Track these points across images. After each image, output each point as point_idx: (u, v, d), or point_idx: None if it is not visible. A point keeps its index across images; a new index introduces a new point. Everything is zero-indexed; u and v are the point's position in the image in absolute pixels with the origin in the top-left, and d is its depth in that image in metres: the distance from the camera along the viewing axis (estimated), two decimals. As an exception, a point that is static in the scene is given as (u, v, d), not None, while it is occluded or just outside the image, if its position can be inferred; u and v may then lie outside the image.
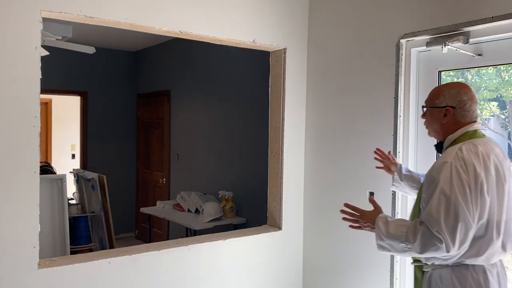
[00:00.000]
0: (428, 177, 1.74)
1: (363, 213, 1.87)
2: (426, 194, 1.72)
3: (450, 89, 1.85)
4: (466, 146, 1.72)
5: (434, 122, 1.89)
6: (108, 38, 5.92)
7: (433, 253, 1.64)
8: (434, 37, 2.55)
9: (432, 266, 1.76)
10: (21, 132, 2.21)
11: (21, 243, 2.21)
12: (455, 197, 1.61)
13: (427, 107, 1.92)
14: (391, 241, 1.73)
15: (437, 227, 1.61)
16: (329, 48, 3.21)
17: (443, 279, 1.73)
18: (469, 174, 1.64)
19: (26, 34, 2.21)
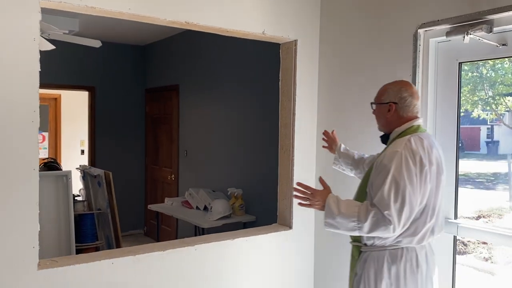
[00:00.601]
0: (379, 165, 1.90)
1: (315, 192, 1.97)
2: (376, 179, 1.88)
3: (393, 87, 2.05)
4: (414, 138, 1.91)
5: (381, 117, 2.08)
6: (116, 32, 5.83)
7: (381, 233, 1.83)
8: (455, 26, 2.40)
9: (371, 248, 1.95)
10: (19, 127, 2.11)
11: (19, 243, 2.12)
12: (404, 183, 1.80)
13: (375, 103, 2.11)
14: (342, 219, 1.86)
15: (387, 209, 1.79)
16: (342, 40, 3.07)
17: (379, 259, 1.92)
18: (416, 164, 1.84)
19: (24, 24, 2.11)
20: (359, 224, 1.83)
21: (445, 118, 2.56)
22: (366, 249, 1.97)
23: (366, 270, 1.95)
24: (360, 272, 1.98)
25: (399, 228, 1.81)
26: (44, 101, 8.13)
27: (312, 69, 3.19)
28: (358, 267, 2.00)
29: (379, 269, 1.92)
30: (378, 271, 1.92)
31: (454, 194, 2.54)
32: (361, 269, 1.98)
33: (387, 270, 1.91)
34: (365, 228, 1.82)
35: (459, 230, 2.46)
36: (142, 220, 6.79)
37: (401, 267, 1.90)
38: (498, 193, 2.77)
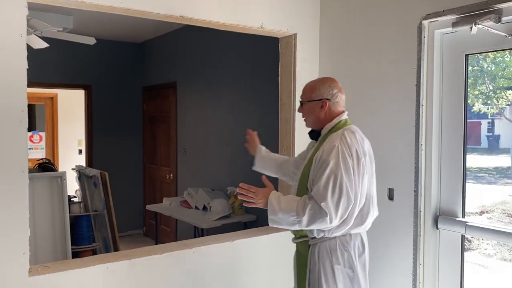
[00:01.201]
0: (319, 160, 1.94)
1: (257, 191, 1.99)
2: (316, 174, 1.93)
3: (322, 84, 2.09)
4: (347, 132, 1.99)
5: (312, 114, 2.09)
6: (112, 29, 5.72)
7: (319, 225, 1.89)
8: (461, 16, 2.29)
9: (321, 239, 1.99)
10: (7, 127, 2.01)
11: (9, 249, 2.02)
12: (341, 176, 1.87)
13: (305, 101, 2.10)
14: (282, 215, 1.92)
15: (324, 201, 1.85)
16: (343, 33, 2.96)
17: (332, 249, 1.99)
18: (352, 157, 1.92)
19: (10, 20, 2.01)
20: (298, 218, 1.89)
21: (451, 113, 2.47)
22: (315, 241, 2.02)
23: (321, 261, 2.00)
24: (315, 266, 2.01)
25: (336, 220, 1.87)
26: (40, 101, 8.04)
27: (313, 63, 3.09)
28: (310, 262, 2.03)
29: (334, 257, 1.99)
30: (334, 259, 1.99)
31: (461, 191, 2.44)
32: (315, 263, 2.01)
33: (341, 256, 1.99)
34: (304, 221, 1.88)
35: (467, 229, 2.37)
36: (141, 220, 6.70)
37: (351, 252, 2.01)
38: (500, 187, 2.73)
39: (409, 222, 2.58)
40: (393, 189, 2.67)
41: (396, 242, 2.65)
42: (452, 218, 2.46)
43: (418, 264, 2.54)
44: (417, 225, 2.53)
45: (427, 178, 2.53)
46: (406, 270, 2.59)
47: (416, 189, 2.53)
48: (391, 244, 2.68)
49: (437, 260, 2.55)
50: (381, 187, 2.71)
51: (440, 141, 2.52)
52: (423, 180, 2.53)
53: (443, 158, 2.51)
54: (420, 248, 2.53)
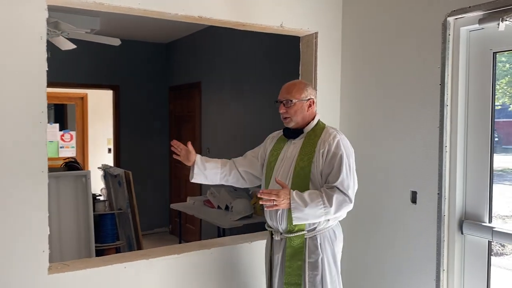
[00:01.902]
0: (327, 153, 2.09)
1: (279, 193, 2.02)
2: (329, 166, 2.07)
3: (307, 85, 2.25)
4: (332, 127, 2.23)
5: (301, 113, 2.20)
6: (139, 30, 5.79)
7: (344, 211, 2.08)
8: (488, 12, 2.20)
9: (318, 230, 2.12)
10: (27, 128, 2.05)
11: (29, 247, 2.07)
12: (353, 165, 2.12)
13: (295, 101, 2.18)
14: (309, 210, 2.00)
15: (349, 189, 2.05)
16: (366, 31, 2.89)
17: (331, 237, 2.15)
18: (351, 146, 2.17)
19: (30, 23, 2.05)
20: (326, 209, 2.01)
21: (478, 112, 2.36)
22: (312, 233, 2.12)
23: (324, 251, 2.12)
24: (317, 256, 2.11)
25: (353, 203, 2.08)
26: (71, 101, 8.25)
27: (334, 62, 3.03)
28: (308, 254, 2.11)
29: (335, 245, 2.16)
30: (335, 247, 2.16)
31: (488, 195, 2.34)
32: (317, 254, 2.11)
33: (338, 244, 2.19)
34: (332, 210, 2.02)
35: (494, 234, 2.26)
36: (167, 219, 6.77)
37: (341, 238, 2.22)
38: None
39: (432, 226, 2.49)
40: (416, 192, 2.58)
41: (419, 246, 2.57)
42: (477, 223, 2.36)
43: (442, 270, 2.45)
44: (441, 229, 2.44)
45: (451, 181, 2.44)
46: (429, 275, 2.50)
47: (439, 192, 2.44)
48: (414, 248, 2.59)
49: (462, 266, 2.45)
50: (404, 189, 2.64)
51: (466, 142, 2.42)
52: (447, 183, 2.44)
53: (469, 160, 2.41)
54: (443, 253, 2.44)
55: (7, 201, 2.01)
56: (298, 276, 2.12)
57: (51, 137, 8.02)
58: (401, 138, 2.66)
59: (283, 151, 2.26)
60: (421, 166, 2.55)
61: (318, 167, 2.10)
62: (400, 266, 2.68)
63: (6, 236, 2.02)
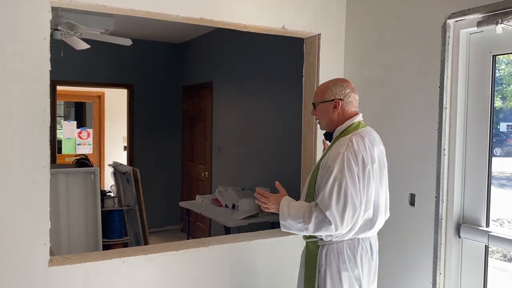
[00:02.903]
0: (324, 166, 1.94)
1: (270, 197, 2.03)
2: (322, 180, 1.92)
3: (335, 84, 2.06)
4: (356, 137, 1.94)
5: (325, 115, 2.07)
6: (152, 30, 5.89)
7: (324, 232, 1.90)
8: (487, 15, 2.18)
9: (329, 242, 2.00)
10: (30, 126, 2.13)
11: (30, 240, 2.15)
12: (346, 184, 1.85)
13: (318, 102, 2.08)
14: (291, 221, 1.94)
15: (329, 210, 1.84)
16: (368, 33, 2.90)
17: (339, 252, 1.99)
18: (358, 164, 1.89)
19: (35, 24, 2.13)
20: (305, 225, 1.90)
21: (477, 115, 2.35)
22: (323, 242, 2.02)
23: (328, 264, 2.00)
24: (322, 267, 2.02)
25: (342, 228, 1.86)
26: (88, 99, 8.44)
27: (337, 64, 3.04)
28: (319, 262, 2.04)
29: (341, 261, 1.98)
30: (341, 263, 1.98)
31: (485, 199, 2.32)
32: (323, 264, 2.02)
33: (348, 261, 1.98)
34: (310, 228, 1.89)
35: (490, 239, 2.25)
36: (179, 216, 6.86)
37: (358, 256, 2.00)
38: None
39: (430, 229, 2.48)
40: (414, 194, 2.58)
41: (416, 249, 2.56)
42: (474, 227, 2.34)
43: (438, 273, 2.44)
44: (438, 232, 2.43)
45: (449, 184, 2.42)
46: (426, 278, 2.50)
47: (437, 195, 2.43)
48: (411, 250, 2.59)
49: (459, 270, 2.43)
50: (402, 192, 2.63)
51: (465, 145, 2.40)
52: (445, 186, 2.43)
53: (467, 163, 2.40)
54: (440, 257, 2.43)
55: (10, 195, 2.10)
56: (312, 282, 2.08)
57: (69, 134, 8.22)
58: (400, 140, 2.65)
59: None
60: (419, 168, 2.55)
61: (318, 180, 1.97)
62: (396, 268, 2.67)
63: (8, 229, 2.10)
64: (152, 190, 6.15)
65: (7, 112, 2.08)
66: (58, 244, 3.44)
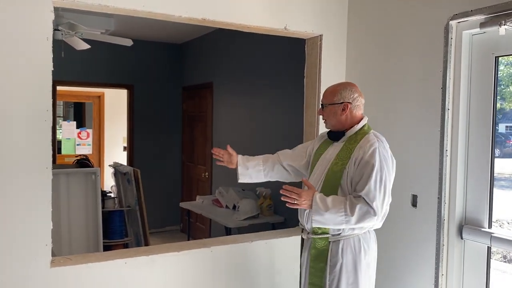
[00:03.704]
0: (360, 160, 2.02)
1: (301, 192, 2.02)
2: (359, 174, 2.00)
3: (344, 88, 2.15)
4: (378, 135, 2.09)
5: (334, 117, 2.15)
6: (152, 31, 5.88)
7: (366, 223, 1.99)
8: (490, 16, 2.18)
9: (343, 236, 2.07)
10: (32, 126, 2.13)
11: (32, 240, 2.14)
12: (385, 177, 1.99)
13: (327, 104, 2.16)
14: (329, 215, 1.97)
15: (375, 201, 1.95)
16: (370, 34, 2.90)
17: (356, 245, 2.07)
18: (389, 158, 2.05)
19: (37, 24, 2.12)
20: (347, 217, 1.95)
21: (479, 116, 2.35)
22: (337, 237, 2.08)
23: (345, 257, 2.06)
24: (337, 262, 2.06)
25: (379, 218, 2.00)
26: (89, 99, 8.43)
27: (339, 64, 3.04)
28: (331, 258, 2.08)
29: (358, 254, 2.06)
30: (357, 256, 2.06)
31: (488, 200, 2.32)
32: (338, 259, 2.06)
33: (364, 253, 2.07)
34: (353, 220, 1.95)
35: (492, 240, 2.25)
36: (179, 217, 6.85)
37: (371, 247, 2.11)
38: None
39: (432, 230, 2.48)
40: (416, 195, 2.58)
41: (418, 250, 2.56)
42: (477, 228, 2.34)
43: (441, 275, 2.44)
44: (440, 234, 2.43)
45: (451, 185, 2.42)
46: (428, 280, 2.50)
47: (439, 196, 2.43)
48: (414, 252, 2.59)
49: (462, 271, 2.43)
50: (405, 193, 2.63)
51: (467, 146, 2.40)
52: (447, 188, 2.43)
53: (470, 164, 2.40)
54: (442, 258, 2.43)
55: (12, 195, 2.09)
56: (320, 278, 2.12)
57: (69, 134, 8.21)
58: (402, 141, 2.65)
59: (325, 153, 2.22)
60: (421, 169, 2.55)
61: (349, 174, 2.04)
62: (398, 269, 2.67)
63: (10, 229, 2.09)
64: (151, 191, 6.13)
65: (9, 112, 2.08)
66: (58, 245, 3.43)
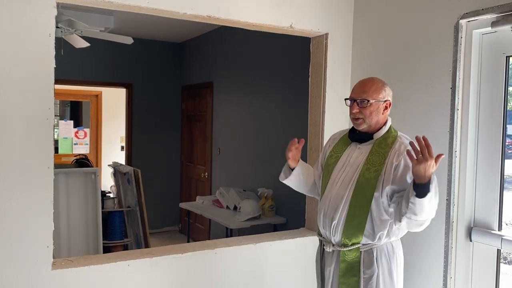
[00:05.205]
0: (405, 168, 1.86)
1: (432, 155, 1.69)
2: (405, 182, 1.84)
3: (386, 85, 2.00)
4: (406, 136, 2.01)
5: (376, 115, 1.97)
6: (152, 29, 5.83)
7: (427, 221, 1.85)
8: (502, 15, 2.15)
9: (374, 245, 1.94)
10: (34, 125, 2.07)
11: (33, 242, 2.09)
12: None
13: (371, 101, 1.95)
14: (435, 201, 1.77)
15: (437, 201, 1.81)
16: (377, 33, 2.86)
17: (389, 252, 1.96)
18: None
19: (40, 20, 2.07)
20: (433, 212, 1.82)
21: (489, 117, 2.31)
22: (368, 246, 1.95)
23: (380, 266, 1.95)
24: (373, 272, 1.94)
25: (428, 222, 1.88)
26: (86, 98, 8.35)
27: (345, 64, 3.00)
28: (364, 269, 1.95)
29: (392, 261, 1.97)
30: (392, 263, 1.97)
31: (498, 202, 2.29)
32: (373, 269, 1.94)
33: (396, 260, 1.99)
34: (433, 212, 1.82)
35: (503, 243, 2.21)
36: (177, 217, 6.80)
37: (401, 254, 2.04)
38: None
39: (440, 232, 2.44)
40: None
41: (427, 253, 2.52)
42: (487, 230, 2.31)
43: (449, 277, 2.40)
44: (449, 236, 2.39)
45: (461, 187, 2.38)
46: (436, 282, 2.46)
47: (448, 198, 2.39)
48: (422, 254, 2.55)
49: (470, 274, 2.40)
50: (412, 194, 2.59)
51: (476, 148, 2.37)
52: (456, 189, 2.39)
53: (479, 166, 2.36)
54: (451, 261, 2.39)
55: (13, 196, 2.04)
56: None
57: (66, 133, 8.13)
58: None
59: (346, 155, 2.04)
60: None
61: (387, 182, 1.86)
62: (407, 272, 2.62)
63: (11, 230, 2.04)
64: (150, 191, 6.06)
65: (10, 110, 2.02)
66: (58, 246, 3.37)
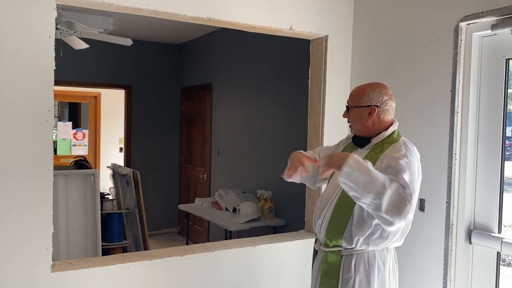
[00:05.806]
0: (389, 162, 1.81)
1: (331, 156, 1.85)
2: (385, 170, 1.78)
3: (372, 89, 1.95)
4: (410, 145, 1.90)
5: (359, 120, 1.96)
6: (152, 30, 5.82)
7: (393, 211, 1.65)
8: (502, 18, 2.15)
9: (357, 251, 1.90)
10: (33, 127, 2.06)
11: (32, 245, 2.08)
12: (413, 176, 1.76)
13: (352, 106, 1.98)
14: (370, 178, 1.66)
15: (407, 189, 1.70)
16: (376, 35, 2.86)
17: (370, 262, 1.90)
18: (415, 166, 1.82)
19: (39, 22, 2.06)
20: (384, 188, 1.64)
21: (489, 120, 2.32)
22: (350, 251, 1.91)
23: (357, 274, 1.90)
24: (350, 278, 1.90)
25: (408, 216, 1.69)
26: (85, 99, 8.33)
27: (344, 66, 3.00)
28: (344, 273, 1.92)
29: (372, 271, 1.90)
30: (371, 274, 1.90)
31: (498, 205, 2.29)
32: (350, 275, 1.90)
33: (378, 271, 1.91)
34: (387, 195, 1.64)
35: (503, 245, 2.21)
36: (176, 219, 6.79)
37: (387, 265, 1.94)
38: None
39: (440, 235, 2.44)
40: (424, 199, 2.54)
41: (426, 255, 2.52)
42: (486, 233, 2.31)
43: (449, 280, 2.40)
44: (449, 238, 2.39)
45: (460, 189, 2.39)
46: (436, 285, 2.46)
47: (448, 200, 2.39)
48: (421, 257, 2.55)
49: (470, 277, 2.40)
50: (412, 197, 2.59)
51: (476, 150, 2.37)
52: (456, 192, 2.39)
53: (479, 168, 2.36)
54: (451, 263, 2.39)
55: (12, 198, 2.03)
56: None
57: (64, 135, 8.11)
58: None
59: None
60: (430, 173, 2.50)
61: None
62: (406, 275, 2.63)
63: (10, 233, 2.03)
64: (148, 193, 6.05)
65: (10, 111, 2.01)
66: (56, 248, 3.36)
